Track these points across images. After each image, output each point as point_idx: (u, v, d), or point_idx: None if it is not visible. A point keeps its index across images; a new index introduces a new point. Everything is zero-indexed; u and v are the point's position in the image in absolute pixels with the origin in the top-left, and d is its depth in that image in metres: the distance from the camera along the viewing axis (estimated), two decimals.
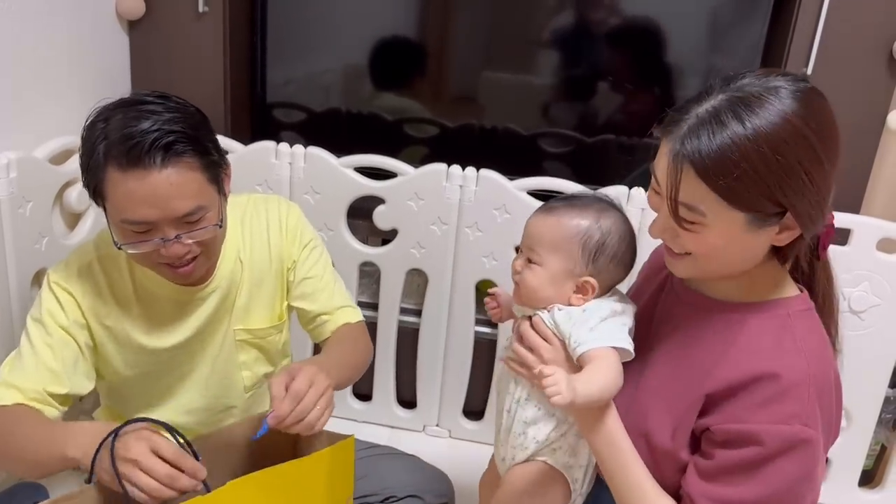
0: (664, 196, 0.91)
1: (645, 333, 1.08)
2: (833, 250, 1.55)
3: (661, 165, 0.92)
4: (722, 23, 1.81)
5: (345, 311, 1.40)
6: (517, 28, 1.90)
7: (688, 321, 1.03)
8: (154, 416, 1.10)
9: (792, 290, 1.00)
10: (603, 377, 0.97)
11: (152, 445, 0.99)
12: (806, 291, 1.01)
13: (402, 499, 1.40)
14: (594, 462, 1.09)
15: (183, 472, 0.98)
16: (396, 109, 1.99)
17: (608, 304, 1.06)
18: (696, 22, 1.82)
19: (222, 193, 1.18)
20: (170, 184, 1.08)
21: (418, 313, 1.87)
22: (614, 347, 1.00)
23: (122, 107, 1.10)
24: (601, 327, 1.02)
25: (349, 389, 1.94)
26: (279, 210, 1.38)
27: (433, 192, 1.72)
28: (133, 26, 1.89)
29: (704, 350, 0.99)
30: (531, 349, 1.06)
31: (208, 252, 1.20)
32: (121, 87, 1.91)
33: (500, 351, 1.10)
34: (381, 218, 1.78)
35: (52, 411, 1.19)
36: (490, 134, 1.96)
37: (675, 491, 1.00)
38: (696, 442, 0.98)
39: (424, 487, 1.43)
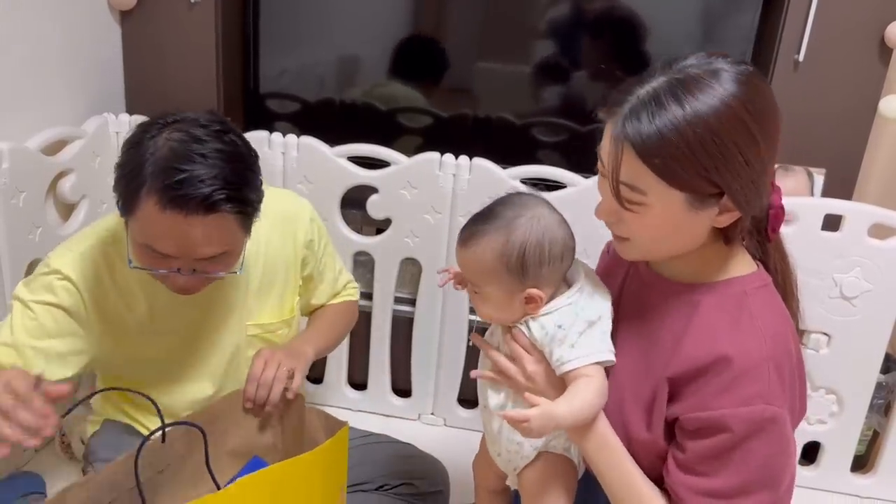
0: (608, 177, 0.92)
1: (614, 321, 1.07)
2: (825, 236, 1.58)
3: (605, 147, 0.93)
4: (714, 10, 1.81)
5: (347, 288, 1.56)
6: (511, 18, 1.90)
7: (649, 304, 1.04)
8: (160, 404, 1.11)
9: (747, 267, 1.00)
10: (582, 398, 0.98)
11: (6, 381, 0.93)
12: (762, 266, 1.01)
13: (396, 486, 1.41)
14: None
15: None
16: (390, 99, 1.99)
17: (582, 312, 1.03)
18: (688, 10, 1.81)
19: (248, 233, 1.16)
20: (204, 233, 1.07)
21: (412, 302, 1.87)
22: (597, 362, 1.01)
23: (175, 131, 1.06)
24: (581, 342, 1.01)
25: (344, 379, 1.95)
26: (295, 207, 1.38)
27: (426, 181, 1.73)
28: (125, 16, 1.89)
29: (664, 333, 0.99)
30: (512, 359, 1.06)
31: (213, 280, 1.19)
32: (113, 78, 1.90)
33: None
34: (375, 207, 1.78)
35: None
36: (483, 123, 1.96)
37: (658, 478, 1.00)
38: (672, 429, 0.98)
39: (419, 475, 1.44)
